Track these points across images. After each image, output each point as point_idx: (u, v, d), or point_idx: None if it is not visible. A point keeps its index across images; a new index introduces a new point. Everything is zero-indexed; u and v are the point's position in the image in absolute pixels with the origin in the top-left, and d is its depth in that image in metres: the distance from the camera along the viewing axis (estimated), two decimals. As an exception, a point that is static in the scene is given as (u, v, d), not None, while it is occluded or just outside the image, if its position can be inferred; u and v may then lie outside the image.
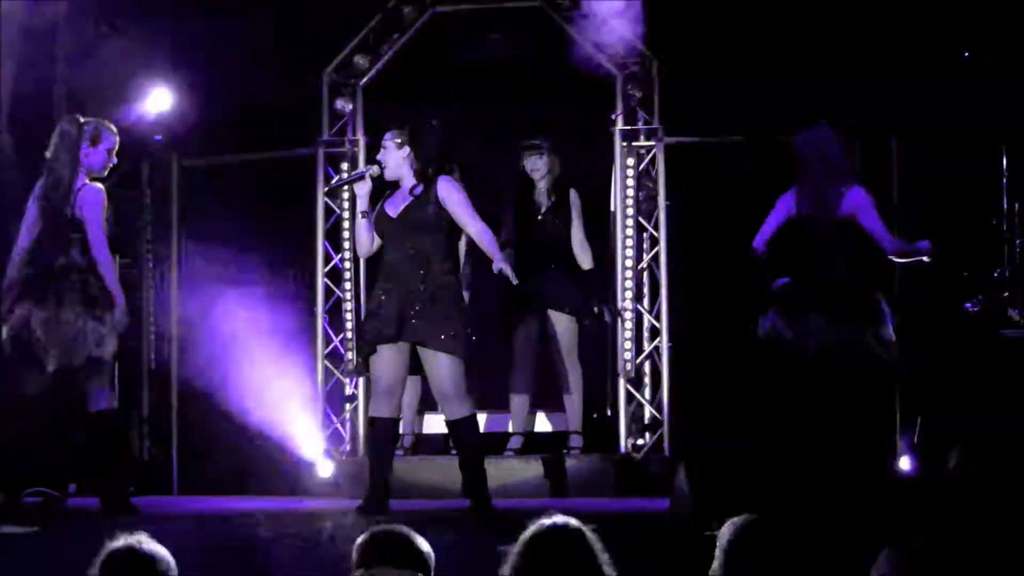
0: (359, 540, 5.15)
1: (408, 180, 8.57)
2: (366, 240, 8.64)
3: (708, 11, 10.93)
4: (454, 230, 8.61)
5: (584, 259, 10.65)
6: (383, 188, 8.72)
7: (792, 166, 9.27)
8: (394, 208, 8.55)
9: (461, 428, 8.60)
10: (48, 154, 9.04)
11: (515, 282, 8.65)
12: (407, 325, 8.40)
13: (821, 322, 8.95)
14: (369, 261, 9.47)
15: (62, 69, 11.60)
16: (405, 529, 5.14)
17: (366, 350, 8.55)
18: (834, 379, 8.94)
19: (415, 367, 8.65)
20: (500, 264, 8.48)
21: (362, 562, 5.10)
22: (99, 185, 9.00)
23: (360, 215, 8.59)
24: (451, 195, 8.50)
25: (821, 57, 10.53)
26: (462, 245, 9.41)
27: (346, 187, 10.54)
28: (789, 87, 10.44)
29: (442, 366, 8.41)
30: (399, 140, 8.56)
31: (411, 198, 8.53)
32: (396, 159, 8.55)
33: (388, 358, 8.46)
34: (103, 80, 11.09)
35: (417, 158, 8.56)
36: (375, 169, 8.63)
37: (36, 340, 8.86)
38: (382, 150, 8.60)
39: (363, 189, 8.57)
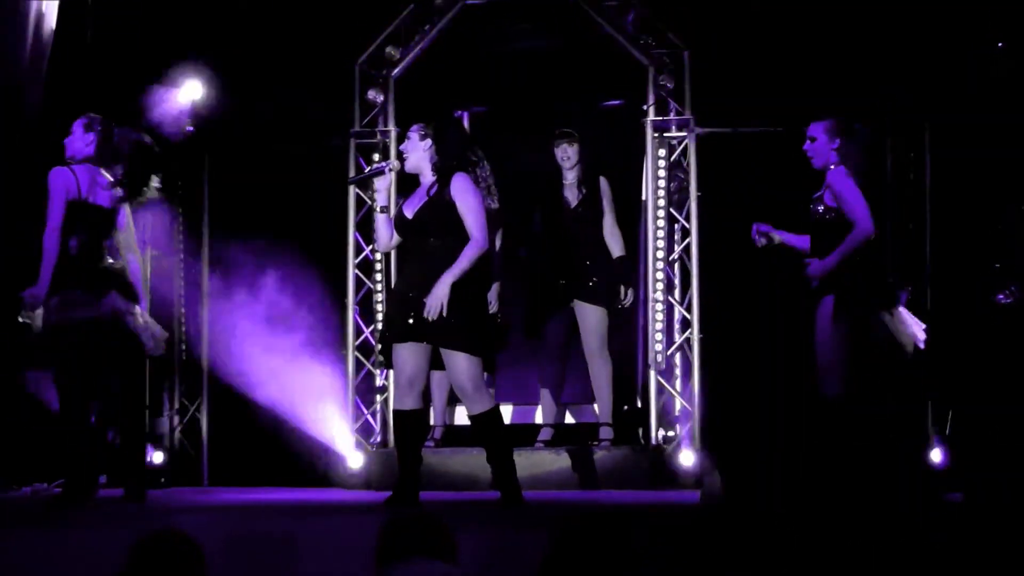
0: (386, 530, 5.15)
1: (427, 175, 8.55)
2: (385, 236, 8.61)
3: (739, 1, 10.93)
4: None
5: (615, 246, 10.59)
6: (407, 183, 8.72)
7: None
8: (411, 209, 8.52)
9: (484, 422, 8.57)
10: None
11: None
12: (423, 324, 8.39)
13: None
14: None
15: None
16: (432, 518, 5.14)
17: (387, 345, 8.57)
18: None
19: (442, 362, 8.64)
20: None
21: (390, 552, 5.10)
22: (69, 167, 9.02)
23: (379, 210, 8.58)
24: (465, 196, 8.45)
25: (852, 48, 10.48)
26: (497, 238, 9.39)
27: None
28: (821, 77, 10.42)
29: (458, 364, 8.38)
30: (423, 132, 8.55)
31: (427, 198, 8.51)
32: (418, 151, 8.54)
33: (408, 352, 8.44)
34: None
35: (437, 152, 8.55)
36: (395, 163, 8.64)
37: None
38: (406, 140, 8.59)
39: (383, 184, 8.55)
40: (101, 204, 9.03)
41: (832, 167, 8.59)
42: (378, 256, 10.98)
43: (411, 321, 8.34)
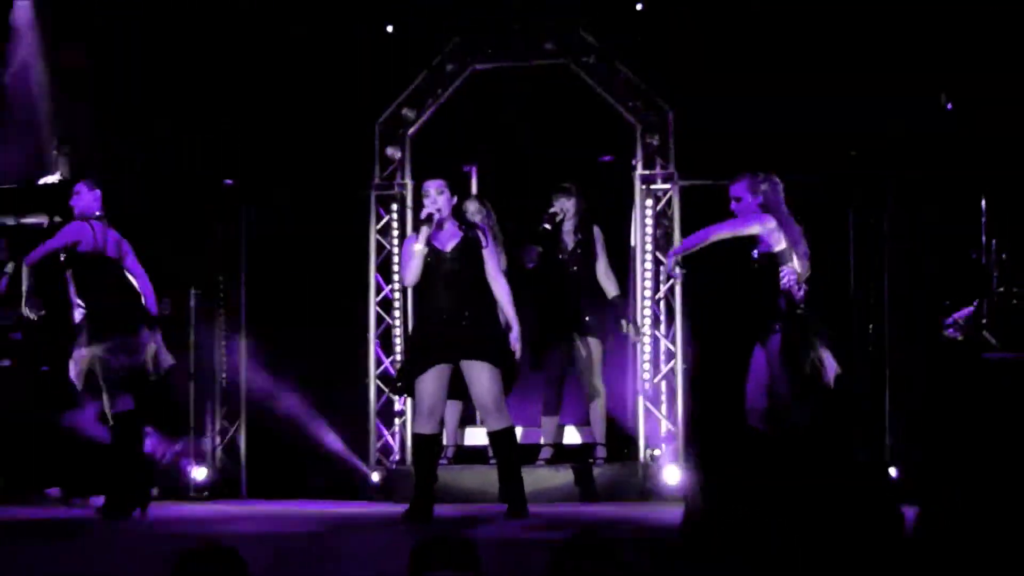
0: (416, 545, 5.21)
1: (450, 220, 8.67)
2: (418, 270, 8.65)
3: (720, 66, 11.00)
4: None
5: (610, 288, 10.68)
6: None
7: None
8: (442, 244, 8.64)
9: (500, 439, 8.66)
10: None
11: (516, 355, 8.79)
12: (453, 346, 8.49)
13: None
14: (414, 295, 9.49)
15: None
16: (460, 534, 5.21)
17: (415, 374, 8.60)
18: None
19: (456, 392, 8.73)
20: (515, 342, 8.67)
21: (417, 568, 5.16)
22: (79, 223, 9.31)
23: (423, 247, 8.60)
24: (489, 243, 8.67)
25: (816, 108, 10.56)
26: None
27: (395, 223, 10.80)
28: (790, 135, 10.49)
29: (484, 378, 8.47)
30: (448, 189, 8.67)
31: (459, 234, 8.64)
32: (448, 204, 8.64)
33: (431, 382, 8.49)
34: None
35: (457, 202, 8.72)
36: (439, 213, 8.69)
37: None
38: (437, 195, 8.59)
39: (428, 230, 8.64)
40: (111, 255, 9.26)
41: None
42: (396, 295, 11.05)
43: (448, 341, 8.46)
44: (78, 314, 9.28)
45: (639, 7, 10.88)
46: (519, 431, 8.94)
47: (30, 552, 7.42)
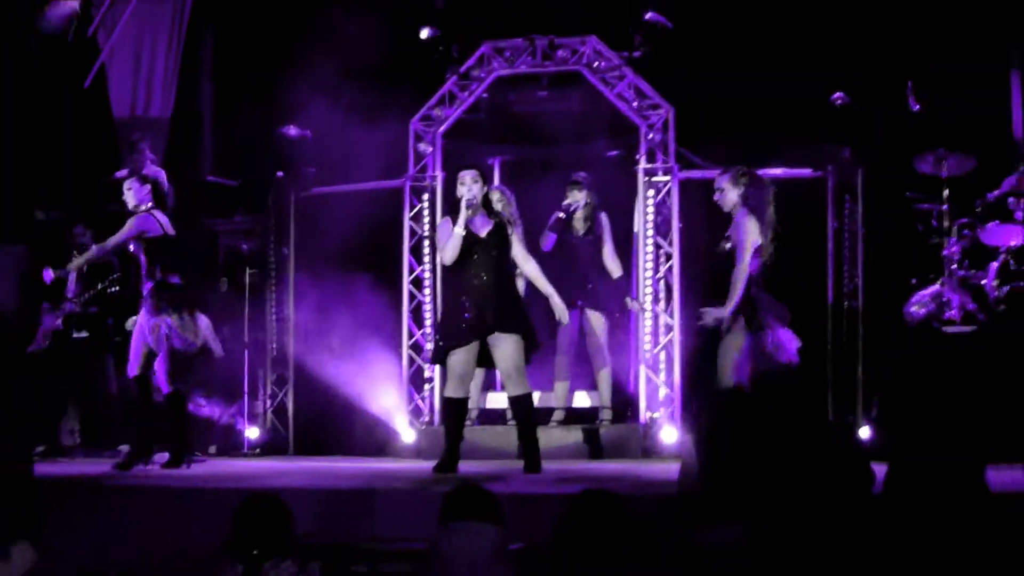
0: (449, 496, 5.24)
1: (482, 208, 8.71)
2: (457, 250, 8.62)
3: (716, 72, 11.03)
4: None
5: (615, 269, 10.74)
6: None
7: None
8: (477, 229, 8.68)
9: (520, 403, 8.70)
10: None
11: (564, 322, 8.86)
12: (485, 323, 8.54)
13: None
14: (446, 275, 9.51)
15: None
16: (485, 488, 5.24)
17: (449, 348, 8.60)
18: None
19: (480, 361, 8.76)
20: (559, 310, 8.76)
21: (449, 514, 5.19)
22: (143, 216, 9.47)
23: (462, 231, 8.61)
24: (515, 228, 8.75)
25: (799, 111, 10.57)
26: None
27: (427, 210, 10.83)
28: (775, 131, 10.51)
29: (510, 348, 8.53)
30: (481, 177, 8.72)
31: (492, 222, 8.68)
32: (481, 191, 8.68)
33: (462, 353, 8.56)
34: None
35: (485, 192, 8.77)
36: (474, 199, 8.70)
37: None
38: (472, 183, 8.62)
39: (469, 214, 8.62)
40: (173, 237, 9.38)
41: (738, 210, 8.59)
42: (426, 275, 11.08)
43: (481, 318, 8.50)
44: (146, 288, 9.36)
45: (647, 16, 10.83)
46: (535, 396, 8.94)
47: (115, 501, 7.52)
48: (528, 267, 8.86)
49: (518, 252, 8.79)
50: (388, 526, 6.73)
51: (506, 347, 8.56)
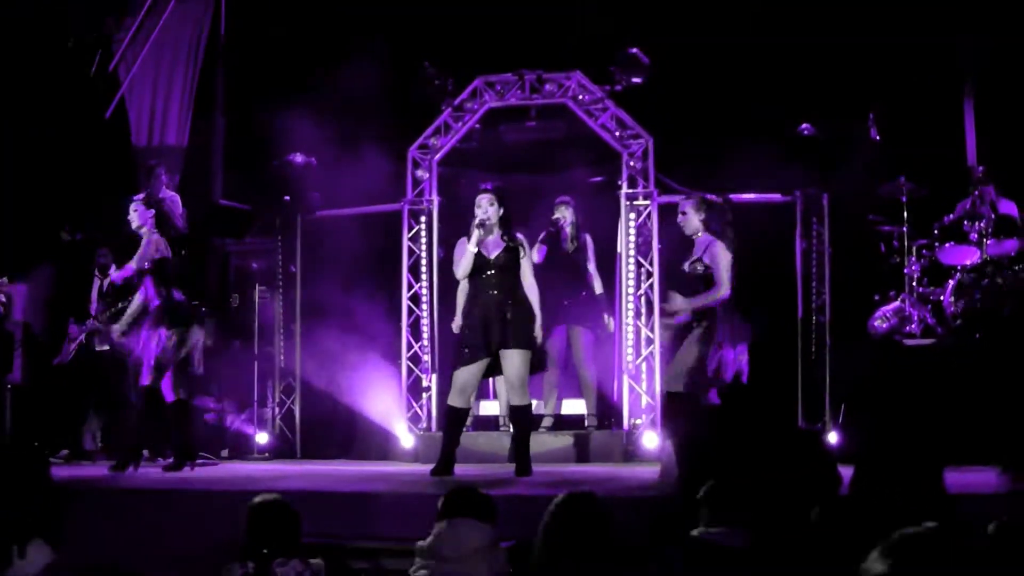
0: (444, 496, 5.26)
1: (498, 229, 8.70)
2: (468, 267, 8.70)
3: (692, 105, 11.05)
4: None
5: (597, 285, 10.80)
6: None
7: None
8: (488, 251, 8.67)
9: (520, 412, 8.71)
10: None
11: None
12: (493, 339, 8.54)
13: None
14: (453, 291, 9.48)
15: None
16: (481, 489, 5.25)
17: (460, 364, 8.65)
18: None
19: (489, 371, 8.76)
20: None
21: (446, 513, 5.20)
22: (150, 239, 9.50)
23: (475, 249, 8.67)
24: (525, 246, 8.72)
25: (769, 139, 10.58)
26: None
27: (423, 232, 10.81)
28: (748, 159, 10.52)
29: (517, 362, 8.53)
30: (498, 201, 8.71)
31: (502, 243, 8.67)
32: (496, 214, 8.68)
33: (474, 365, 8.61)
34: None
35: (505, 214, 8.74)
36: (488, 220, 8.71)
37: None
38: (488, 206, 8.67)
39: (481, 234, 8.67)
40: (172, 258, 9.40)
41: (700, 235, 8.69)
42: (423, 292, 11.05)
43: (488, 335, 8.52)
44: (153, 305, 9.38)
45: (632, 51, 10.82)
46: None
47: (130, 501, 7.50)
48: (530, 291, 8.81)
49: (524, 276, 8.79)
50: (389, 525, 6.71)
51: (513, 360, 8.56)
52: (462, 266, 8.75)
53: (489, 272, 8.65)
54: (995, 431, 8.51)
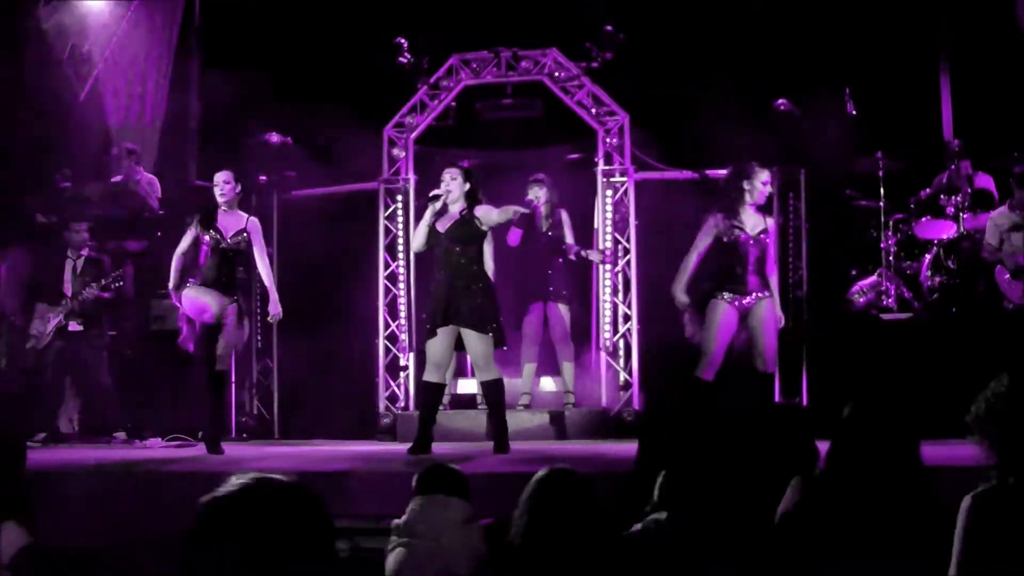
0: (418, 473, 5.27)
1: (459, 205, 8.66)
2: (422, 239, 8.71)
3: (668, 81, 11.03)
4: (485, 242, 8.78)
5: (572, 257, 10.73)
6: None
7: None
8: (442, 226, 8.63)
9: (489, 388, 8.68)
10: None
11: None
12: (452, 313, 8.50)
13: None
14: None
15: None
16: (452, 465, 5.27)
17: (425, 337, 8.68)
18: None
19: (459, 344, 8.73)
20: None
21: (420, 490, 5.21)
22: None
23: (430, 221, 8.67)
24: (489, 213, 8.67)
25: (745, 115, 10.56)
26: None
27: (400, 211, 10.76)
28: (722, 137, 10.50)
29: (477, 342, 8.50)
30: (463, 174, 8.67)
31: (457, 217, 8.63)
32: (459, 189, 8.65)
33: (439, 342, 8.55)
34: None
35: (471, 191, 8.69)
36: (445, 194, 8.69)
37: None
38: (451, 180, 8.65)
39: (435, 206, 8.67)
40: None
41: None
42: (400, 270, 11.01)
43: (448, 308, 8.48)
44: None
45: (608, 29, 10.76)
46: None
47: (108, 484, 7.46)
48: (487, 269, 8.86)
49: (485, 257, 8.80)
50: (366, 504, 6.68)
51: (469, 340, 8.54)
52: (416, 239, 8.80)
53: (448, 247, 8.62)
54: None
